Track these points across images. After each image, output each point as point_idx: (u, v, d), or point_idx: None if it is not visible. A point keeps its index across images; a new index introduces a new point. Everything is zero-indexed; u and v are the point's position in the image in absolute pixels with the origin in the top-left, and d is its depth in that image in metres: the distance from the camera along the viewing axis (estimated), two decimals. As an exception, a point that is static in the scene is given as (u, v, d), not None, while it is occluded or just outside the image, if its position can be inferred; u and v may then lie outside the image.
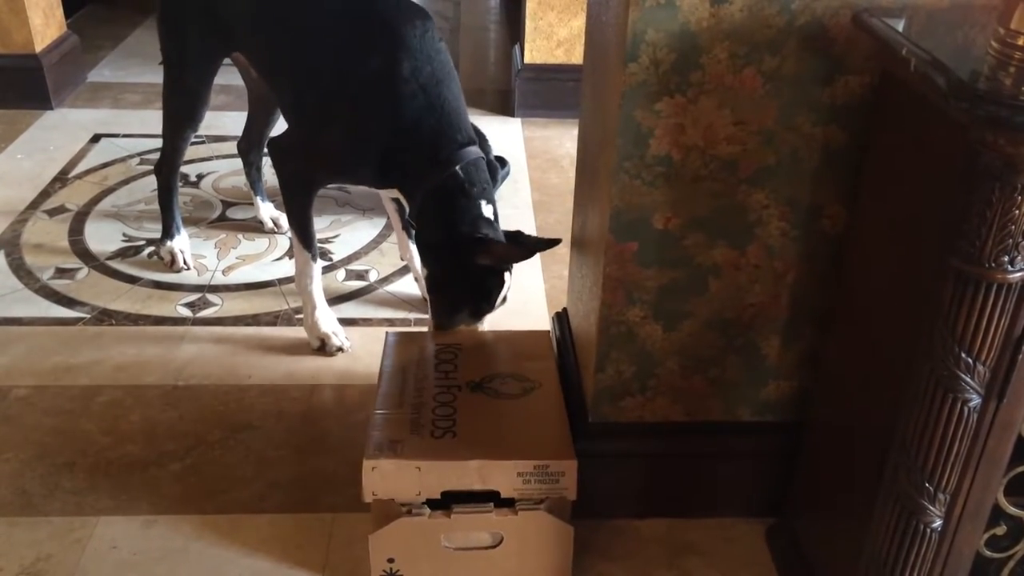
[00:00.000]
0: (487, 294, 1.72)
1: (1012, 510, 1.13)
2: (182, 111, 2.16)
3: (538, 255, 2.35)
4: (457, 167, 1.69)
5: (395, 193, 1.87)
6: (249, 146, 2.41)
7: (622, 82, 1.24)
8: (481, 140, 2.65)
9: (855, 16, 1.17)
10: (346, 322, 2.07)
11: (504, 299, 1.76)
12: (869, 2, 1.19)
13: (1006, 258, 0.93)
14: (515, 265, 1.76)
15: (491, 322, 2.08)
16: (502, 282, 1.73)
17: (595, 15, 1.46)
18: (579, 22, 3.09)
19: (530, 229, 2.52)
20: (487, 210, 1.71)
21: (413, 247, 2.12)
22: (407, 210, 1.80)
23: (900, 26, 1.10)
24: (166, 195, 2.28)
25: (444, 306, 1.74)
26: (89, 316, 2.10)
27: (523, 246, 1.71)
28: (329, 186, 2.63)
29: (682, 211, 1.34)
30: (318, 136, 1.83)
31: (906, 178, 1.13)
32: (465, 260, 1.67)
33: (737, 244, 1.37)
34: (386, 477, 1.35)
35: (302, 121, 1.88)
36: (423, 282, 2.12)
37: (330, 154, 1.81)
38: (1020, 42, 0.92)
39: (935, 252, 0.99)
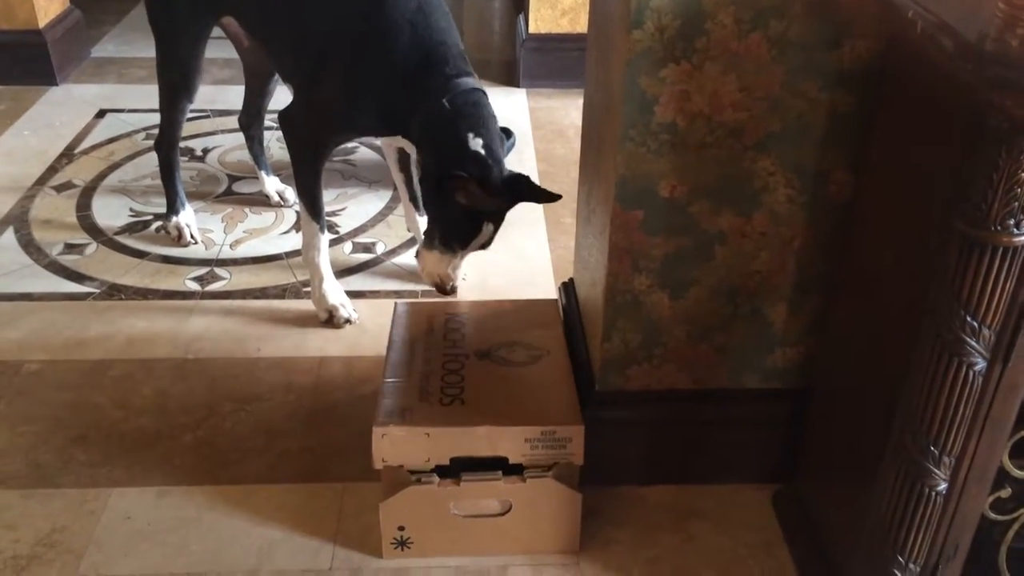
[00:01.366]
0: (460, 235, 1.71)
1: (1017, 473, 1.14)
2: (176, 82, 2.14)
3: (543, 224, 2.38)
4: (444, 99, 1.66)
5: (403, 142, 1.85)
6: (249, 120, 2.40)
7: (627, 49, 1.23)
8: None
9: (861, -21, 1.16)
10: (353, 294, 2.08)
11: (484, 246, 1.75)
12: (876, -35, 1.18)
13: (1012, 221, 0.93)
14: (523, 235, 1.75)
15: (497, 293, 2.09)
16: (478, 228, 1.69)
17: (599, -18, 1.45)
18: (584, -9, 3.07)
19: (536, 200, 2.51)
20: (476, 144, 1.65)
21: (421, 220, 2.13)
22: (413, 156, 1.79)
23: (907, -11, 1.09)
24: (168, 170, 2.28)
25: (427, 228, 1.76)
26: (99, 291, 2.11)
27: (503, 192, 1.65)
28: (335, 159, 2.64)
29: (688, 179, 1.34)
30: (320, 92, 1.81)
31: (913, 142, 1.13)
32: (444, 195, 1.65)
33: (743, 211, 1.37)
34: (396, 443, 1.37)
35: (303, 81, 1.87)
36: None
37: (334, 109, 1.80)
38: (1027, 3, 0.91)
39: (941, 216, 0.99)
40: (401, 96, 1.71)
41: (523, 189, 1.67)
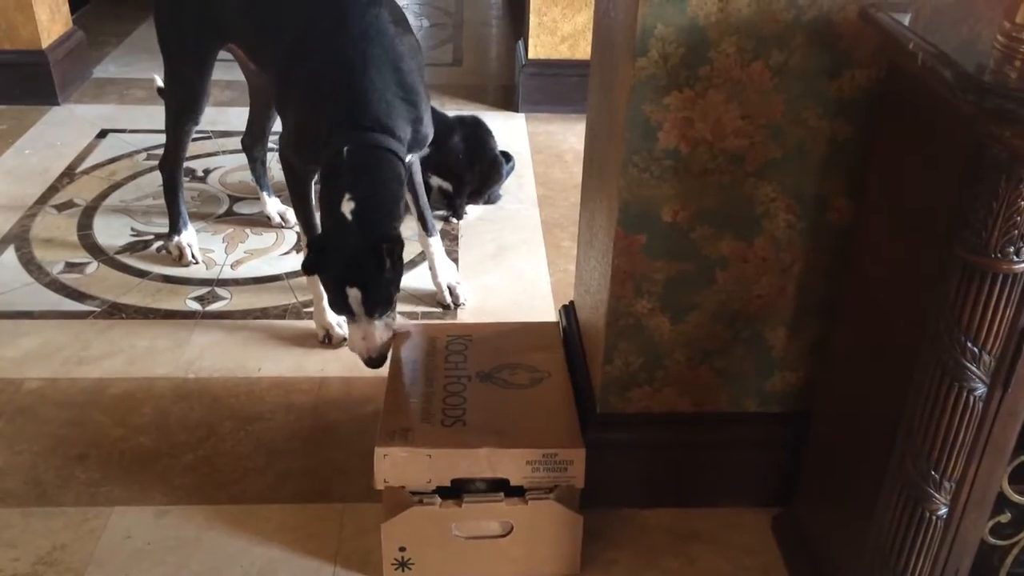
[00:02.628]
0: (331, 299, 1.67)
1: (1016, 498, 1.15)
2: (183, 103, 2.17)
3: (543, 248, 2.39)
4: (345, 148, 1.65)
5: None
6: (252, 141, 2.42)
7: (631, 76, 1.25)
8: (486, 134, 2.67)
9: (861, 10, 1.18)
10: (354, 315, 2.09)
11: (373, 313, 1.63)
12: (875, -3, 1.20)
13: (1012, 249, 0.95)
14: (522, 258, 1.75)
15: (496, 315, 2.10)
16: (341, 293, 1.62)
17: (603, 10, 1.48)
18: (583, 17, 3.10)
19: (535, 223, 2.53)
20: (347, 207, 1.62)
21: (430, 240, 2.13)
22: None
23: (906, 20, 1.12)
24: (171, 190, 2.30)
25: None
26: (99, 310, 2.11)
27: (346, 263, 1.61)
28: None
29: (690, 204, 1.35)
30: (290, 116, 1.85)
31: (912, 170, 1.15)
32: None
33: (744, 236, 1.39)
34: (397, 464, 1.37)
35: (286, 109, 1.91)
36: (444, 288, 2.14)
37: (300, 137, 1.82)
38: (1026, 36, 0.93)
39: (941, 243, 1.01)
40: (323, 129, 1.71)
41: (379, 263, 1.60)
